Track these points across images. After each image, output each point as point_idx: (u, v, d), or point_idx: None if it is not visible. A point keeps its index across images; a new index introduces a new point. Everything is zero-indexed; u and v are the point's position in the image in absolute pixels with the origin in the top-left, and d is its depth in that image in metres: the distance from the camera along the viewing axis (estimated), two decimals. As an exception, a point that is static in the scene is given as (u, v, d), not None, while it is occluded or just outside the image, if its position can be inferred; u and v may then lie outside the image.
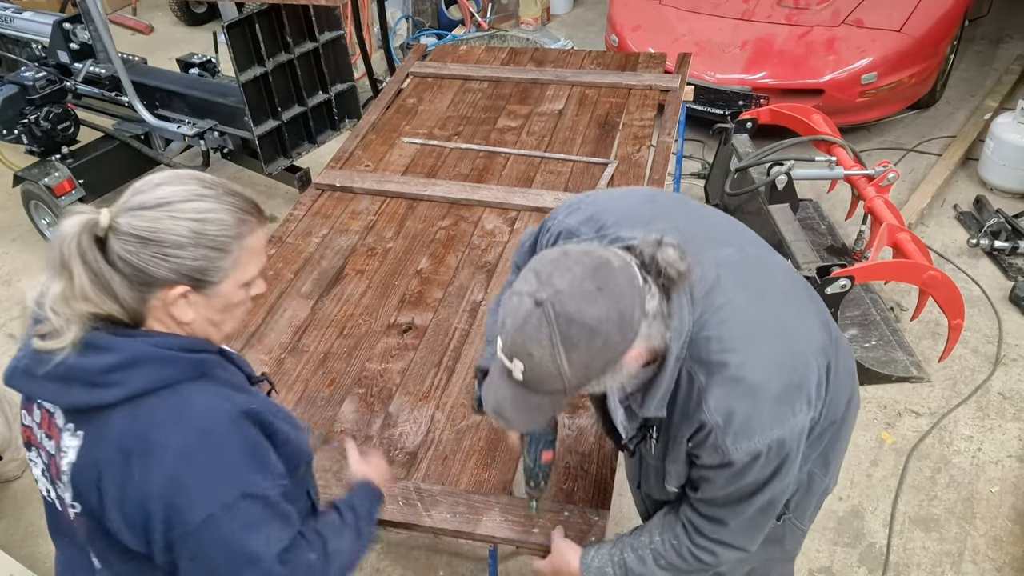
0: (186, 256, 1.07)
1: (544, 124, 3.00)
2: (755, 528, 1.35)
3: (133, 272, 1.05)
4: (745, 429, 1.19)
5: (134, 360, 1.07)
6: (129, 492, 1.06)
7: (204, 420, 1.09)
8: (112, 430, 1.08)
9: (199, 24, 6.49)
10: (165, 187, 1.09)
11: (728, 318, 1.21)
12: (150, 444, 1.06)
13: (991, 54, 5.27)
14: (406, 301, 2.21)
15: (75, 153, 3.92)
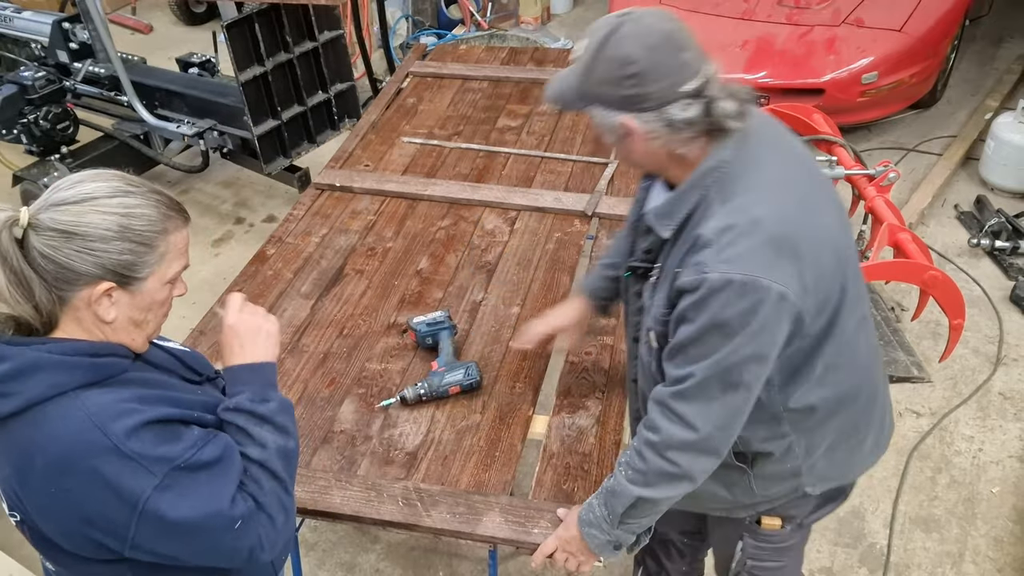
0: (112, 250, 1.05)
1: (544, 124, 2.99)
2: (708, 401, 1.30)
3: (55, 269, 1.03)
4: (729, 252, 1.23)
5: (29, 367, 1.05)
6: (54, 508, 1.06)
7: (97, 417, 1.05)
8: (13, 442, 1.06)
9: (198, 24, 6.48)
10: (88, 183, 1.08)
11: (763, 172, 1.30)
12: (42, 453, 1.04)
13: (992, 54, 5.27)
14: (406, 301, 2.21)
15: (74, 153, 3.92)
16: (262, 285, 2.28)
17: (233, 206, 4.33)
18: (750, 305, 1.23)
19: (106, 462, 1.04)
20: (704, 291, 1.24)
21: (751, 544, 1.71)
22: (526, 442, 1.80)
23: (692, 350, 1.29)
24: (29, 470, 1.05)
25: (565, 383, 1.93)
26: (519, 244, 2.39)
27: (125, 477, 1.04)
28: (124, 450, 1.04)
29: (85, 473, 1.04)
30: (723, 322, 1.24)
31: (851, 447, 1.54)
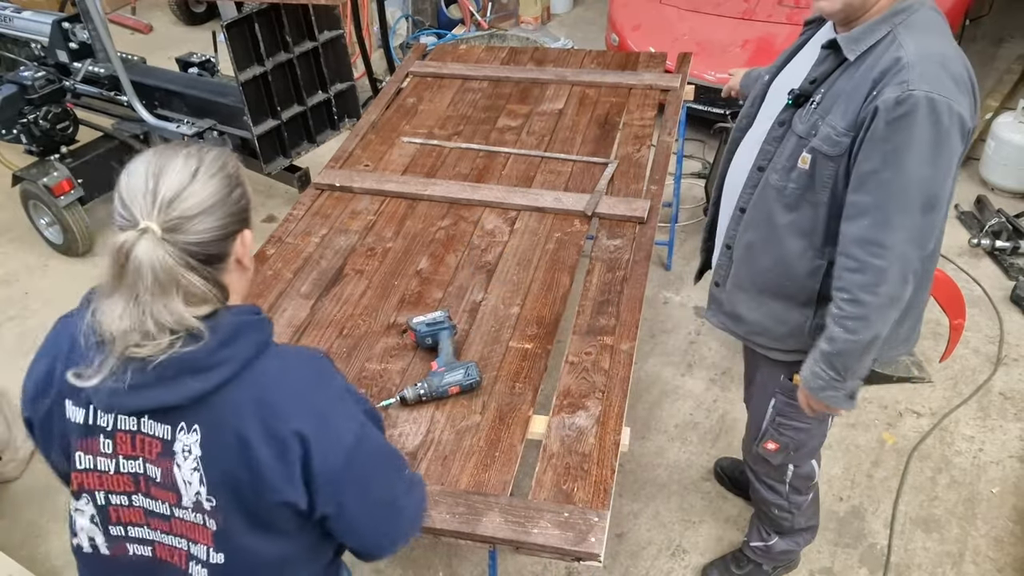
0: (235, 199, 1.11)
1: (544, 124, 2.99)
2: (913, 224, 1.46)
3: (215, 247, 1.08)
4: (929, 74, 1.42)
5: (235, 333, 1.10)
6: (278, 440, 1.10)
7: (308, 358, 1.19)
8: (229, 408, 1.10)
9: (198, 23, 6.49)
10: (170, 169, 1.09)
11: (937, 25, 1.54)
12: (276, 396, 1.11)
13: (992, 54, 5.27)
14: (406, 301, 2.20)
15: (74, 153, 3.92)
16: (262, 285, 2.28)
17: (233, 206, 4.33)
18: (949, 123, 1.41)
19: (328, 400, 1.17)
20: (907, 108, 1.40)
21: (782, 401, 1.90)
22: (526, 442, 1.80)
23: (888, 174, 1.44)
24: (260, 424, 1.09)
25: (565, 383, 1.93)
26: (519, 244, 2.39)
27: (350, 401, 1.19)
28: (338, 389, 1.20)
29: (315, 410, 1.13)
30: (923, 140, 1.41)
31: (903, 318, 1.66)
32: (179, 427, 1.11)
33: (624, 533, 2.60)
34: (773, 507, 2.18)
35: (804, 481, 2.10)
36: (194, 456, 1.12)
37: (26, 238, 4.11)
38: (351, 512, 1.19)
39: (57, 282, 3.85)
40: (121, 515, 1.20)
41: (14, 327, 3.58)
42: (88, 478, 1.19)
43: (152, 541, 1.21)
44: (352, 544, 1.27)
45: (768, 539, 2.28)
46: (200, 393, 1.09)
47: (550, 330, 2.08)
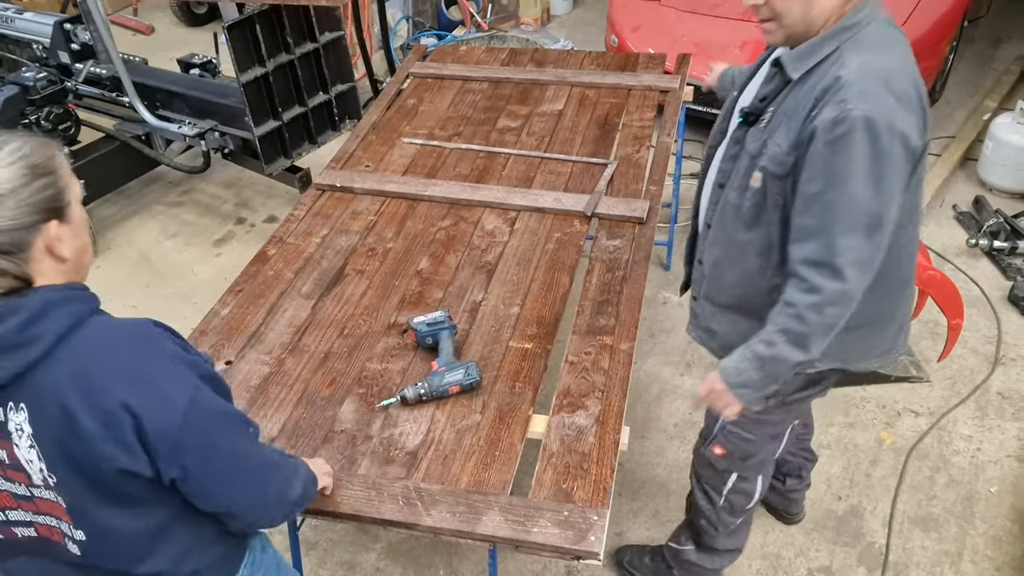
0: (36, 190, 1.10)
1: (544, 124, 3.00)
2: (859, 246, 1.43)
3: (4, 236, 1.08)
4: (868, 93, 1.38)
5: (43, 309, 1.11)
6: (110, 413, 1.10)
7: (131, 326, 1.18)
8: (48, 384, 1.11)
9: (199, 25, 6.49)
10: None
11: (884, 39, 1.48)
12: (95, 368, 1.11)
13: (990, 54, 5.28)
14: (406, 301, 2.21)
15: (76, 154, 3.93)
16: (263, 285, 2.29)
17: (234, 206, 4.35)
18: (889, 142, 1.38)
19: (153, 366, 1.15)
20: (845, 128, 1.38)
21: None
22: (526, 441, 1.81)
23: (831, 195, 1.41)
24: (84, 396, 1.10)
25: (565, 383, 1.94)
26: (519, 244, 2.40)
27: (181, 365, 1.18)
28: (164, 353, 1.17)
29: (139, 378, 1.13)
30: (864, 159, 1.38)
31: (864, 335, 1.67)
32: (8, 407, 1.13)
33: (624, 532, 2.61)
34: (702, 517, 2.15)
35: (741, 499, 2.07)
36: (27, 434, 1.13)
37: (28, 239, 4.12)
38: (197, 473, 1.19)
39: (59, 282, 3.86)
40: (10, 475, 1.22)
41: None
42: None
43: (30, 522, 1.24)
44: (205, 506, 1.26)
45: (683, 545, 2.26)
46: (14, 372, 1.10)
47: (550, 330, 2.09)
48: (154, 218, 4.29)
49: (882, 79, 1.40)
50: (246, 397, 1.94)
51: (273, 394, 1.95)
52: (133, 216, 4.31)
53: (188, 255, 4.00)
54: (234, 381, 1.99)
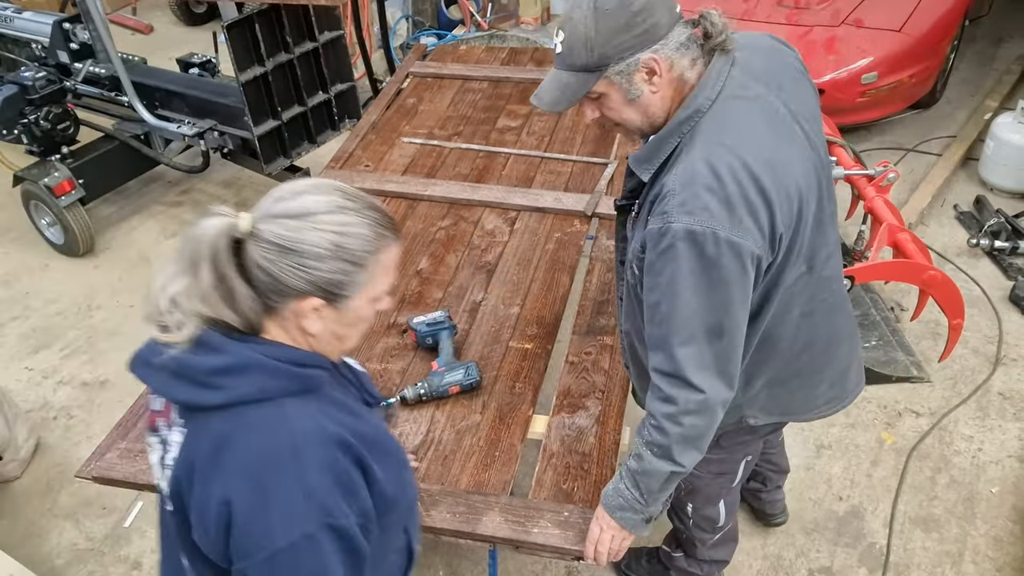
0: (324, 269, 1.04)
1: (544, 124, 3.00)
2: (702, 356, 1.36)
3: (269, 281, 1.03)
4: (689, 203, 1.29)
5: (242, 366, 1.05)
6: (211, 497, 1.04)
7: (299, 438, 1.05)
8: (209, 432, 1.06)
9: (199, 24, 6.49)
10: (308, 196, 1.06)
11: (731, 125, 1.34)
12: (239, 452, 1.04)
13: (991, 54, 5.27)
14: (406, 301, 2.21)
15: (75, 153, 3.92)
16: (262, 285, 2.28)
17: (234, 206, 4.27)
18: (716, 254, 1.29)
19: (281, 484, 1.03)
20: (668, 241, 1.31)
21: None
22: (526, 442, 1.81)
23: (666, 307, 1.35)
24: (212, 465, 1.04)
25: (565, 383, 1.93)
26: (519, 244, 2.40)
27: (305, 506, 1.02)
28: (304, 482, 1.03)
29: (259, 487, 1.03)
30: (689, 273, 1.31)
31: (793, 388, 1.64)
32: (179, 420, 1.11)
33: (624, 533, 2.60)
34: (680, 530, 2.13)
35: (708, 522, 2.02)
36: (172, 455, 1.11)
37: (27, 238, 4.11)
38: None
39: (58, 282, 3.86)
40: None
41: (15, 327, 3.58)
42: (155, 421, 1.18)
43: None
44: None
45: (674, 552, 2.24)
46: (189, 403, 1.08)
47: (550, 330, 2.09)
48: (153, 218, 4.28)
49: (706, 185, 1.29)
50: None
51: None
52: (132, 216, 4.30)
53: (187, 255, 3.99)
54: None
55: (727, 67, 1.38)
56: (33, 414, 3.13)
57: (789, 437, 2.87)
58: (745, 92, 1.38)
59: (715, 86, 1.36)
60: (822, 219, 1.46)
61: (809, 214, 1.41)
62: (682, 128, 1.37)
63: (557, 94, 1.38)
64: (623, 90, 1.36)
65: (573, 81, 1.36)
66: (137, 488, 1.78)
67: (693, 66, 1.37)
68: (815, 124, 1.48)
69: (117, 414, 2.14)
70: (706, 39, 1.37)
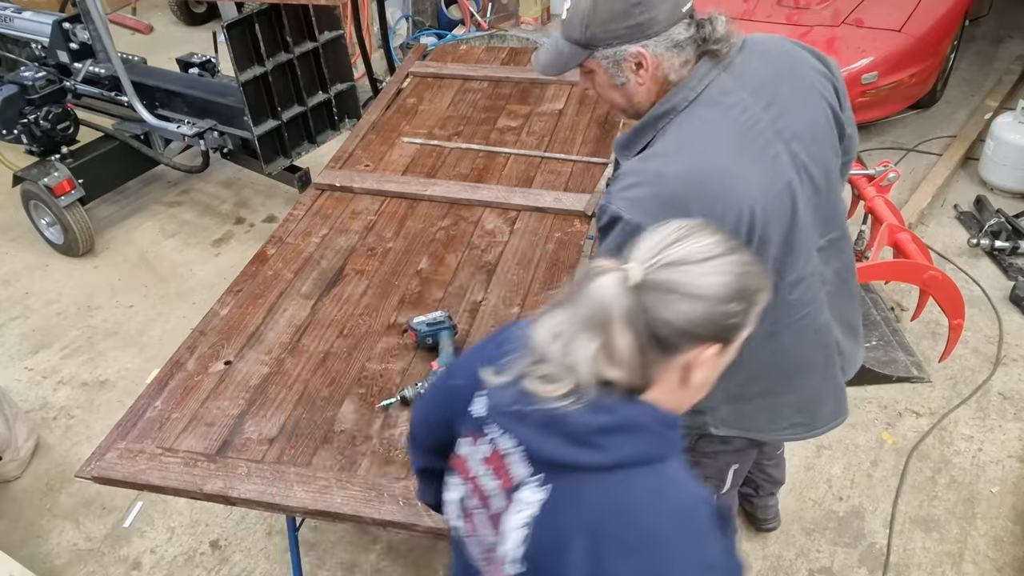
0: (728, 312, 0.98)
1: (544, 124, 2.99)
2: None
3: (671, 332, 0.96)
4: (632, 192, 1.33)
5: (629, 427, 0.98)
6: (602, 566, 0.94)
7: (691, 507, 0.99)
8: (585, 496, 0.97)
9: (199, 24, 6.49)
10: (690, 240, 1.00)
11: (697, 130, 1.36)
12: (630, 524, 0.96)
13: (991, 54, 5.27)
14: (406, 301, 2.21)
15: (75, 153, 3.92)
16: (262, 285, 2.28)
17: (233, 206, 4.34)
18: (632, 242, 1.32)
19: (684, 558, 0.96)
20: (604, 219, 1.36)
21: None
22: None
23: None
24: (599, 532, 0.95)
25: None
26: (519, 244, 2.39)
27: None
28: (705, 556, 0.96)
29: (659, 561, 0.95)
30: (607, 250, 1.34)
31: (759, 408, 1.64)
32: (534, 478, 1.01)
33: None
34: None
35: None
36: (528, 513, 1.01)
37: (27, 238, 4.11)
38: None
39: (58, 282, 3.86)
40: (467, 517, 1.14)
41: (15, 327, 3.58)
42: (461, 466, 1.14)
43: (478, 560, 1.14)
44: None
45: None
46: (562, 461, 0.99)
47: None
48: (153, 218, 4.28)
49: (649, 180, 1.33)
50: (245, 397, 1.93)
51: (272, 394, 1.94)
52: (132, 216, 4.30)
53: (187, 255, 3.99)
54: (233, 381, 1.98)
55: (713, 71, 1.38)
56: (33, 414, 3.13)
57: (789, 437, 2.87)
58: (724, 99, 1.38)
59: (696, 88, 1.37)
60: (794, 243, 1.44)
61: (773, 234, 1.39)
62: (658, 123, 1.40)
63: (552, 58, 1.43)
64: (610, 74, 1.39)
65: (567, 51, 1.40)
66: (137, 488, 1.78)
67: (683, 66, 1.38)
68: (813, 145, 1.44)
69: (117, 414, 2.14)
70: (702, 42, 1.37)
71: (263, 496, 1.69)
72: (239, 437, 1.83)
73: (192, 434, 1.84)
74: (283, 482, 1.71)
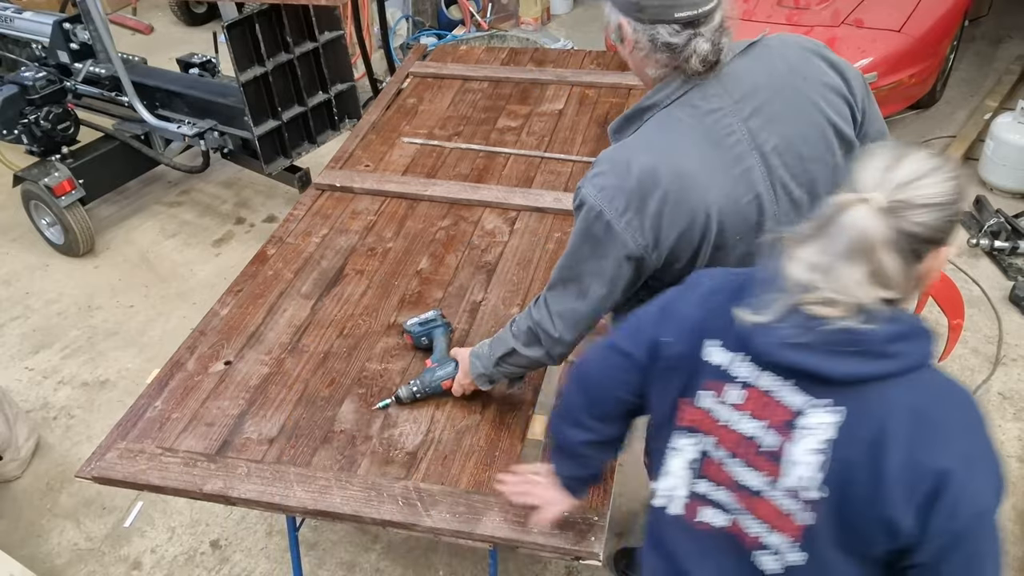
0: (958, 212, 1.05)
1: (544, 124, 3.00)
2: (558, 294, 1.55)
3: (921, 243, 1.04)
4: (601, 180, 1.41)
5: (912, 333, 1.07)
6: (920, 467, 1.03)
7: (965, 392, 1.10)
8: (888, 404, 1.05)
9: (199, 24, 6.49)
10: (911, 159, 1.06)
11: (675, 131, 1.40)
12: (942, 414, 1.06)
13: (991, 54, 5.27)
14: (406, 301, 2.21)
15: (75, 153, 3.92)
16: (262, 285, 2.29)
17: (233, 206, 4.34)
18: (598, 230, 1.42)
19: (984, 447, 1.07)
20: (576, 200, 1.45)
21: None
22: (526, 442, 1.81)
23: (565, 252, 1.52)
24: (915, 436, 1.04)
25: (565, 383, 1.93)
26: (519, 244, 2.40)
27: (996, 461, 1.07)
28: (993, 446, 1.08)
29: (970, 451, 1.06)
30: (577, 232, 1.46)
31: None
32: (820, 402, 1.07)
33: (624, 533, 2.60)
34: None
35: None
36: (823, 439, 1.07)
37: (27, 238, 4.11)
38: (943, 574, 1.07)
39: (58, 282, 3.86)
40: (711, 472, 1.19)
41: (16, 327, 3.58)
42: (701, 419, 1.19)
43: (730, 512, 1.18)
44: None
45: None
46: (860, 376, 1.06)
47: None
48: (153, 218, 4.28)
49: (618, 171, 1.39)
50: (245, 397, 1.93)
51: (272, 394, 1.94)
52: (132, 216, 4.30)
53: (187, 255, 4.00)
54: (233, 381, 1.98)
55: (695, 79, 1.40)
56: (33, 414, 3.13)
57: (789, 437, 2.87)
58: (704, 104, 1.40)
59: (680, 89, 1.40)
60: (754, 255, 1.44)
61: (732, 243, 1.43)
62: (643, 115, 1.45)
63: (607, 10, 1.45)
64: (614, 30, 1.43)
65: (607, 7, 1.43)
66: (137, 488, 1.78)
67: (660, 67, 1.41)
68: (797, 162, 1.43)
69: (117, 414, 2.14)
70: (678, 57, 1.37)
71: (263, 496, 1.69)
72: (239, 437, 1.84)
73: (192, 434, 1.85)
74: (283, 482, 1.71)
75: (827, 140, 1.46)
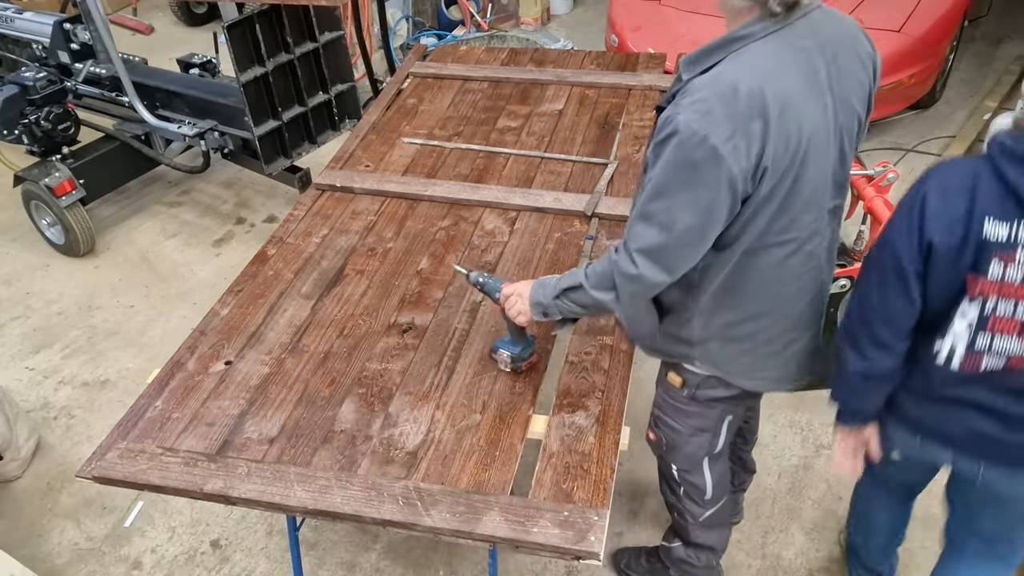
0: None
1: (544, 124, 3.00)
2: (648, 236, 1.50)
3: None
4: (702, 106, 1.39)
5: None
6: None
7: None
8: None
9: (199, 24, 6.50)
10: None
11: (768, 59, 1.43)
12: None
13: (991, 54, 5.28)
14: (406, 301, 2.21)
15: (75, 153, 3.93)
16: (263, 285, 2.29)
17: (234, 206, 4.34)
18: (700, 156, 1.40)
19: None
20: (669, 129, 1.42)
21: (660, 393, 2.00)
22: (526, 442, 1.81)
23: (649, 187, 1.48)
24: None
25: (565, 383, 1.94)
26: (519, 244, 2.40)
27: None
28: None
29: None
30: (670, 163, 1.43)
31: (743, 351, 1.75)
32: None
33: (624, 532, 2.61)
34: (673, 509, 2.20)
35: (694, 490, 2.10)
36: None
37: (28, 238, 4.12)
38: None
39: (59, 282, 3.86)
40: (996, 325, 1.39)
41: (16, 327, 3.58)
42: (989, 286, 1.38)
43: (1009, 354, 1.40)
44: None
45: (672, 542, 2.29)
46: None
47: (549, 329, 2.09)
48: (154, 218, 4.29)
49: (721, 95, 1.39)
50: (246, 397, 1.94)
51: (273, 394, 1.94)
52: (133, 216, 4.31)
53: (188, 255, 4.00)
54: (233, 381, 1.98)
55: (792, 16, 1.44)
56: (34, 414, 3.14)
57: (788, 436, 2.87)
58: (798, 41, 1.45)
59: (774, 25, 1.44)
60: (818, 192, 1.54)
61: (810, 172, 1.49)
62: (732, 46, 1.45)
63: None
64: None
65: None
66: (137, 488, 1.79)
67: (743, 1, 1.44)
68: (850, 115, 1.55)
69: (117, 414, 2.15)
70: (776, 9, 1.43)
71: (263, 496, 1.69)
72: (239, 437, 1.84)
73: (192, 434, 1.85)
74: (283, 482, 1.72)
75: (862, 101, 1.58)
